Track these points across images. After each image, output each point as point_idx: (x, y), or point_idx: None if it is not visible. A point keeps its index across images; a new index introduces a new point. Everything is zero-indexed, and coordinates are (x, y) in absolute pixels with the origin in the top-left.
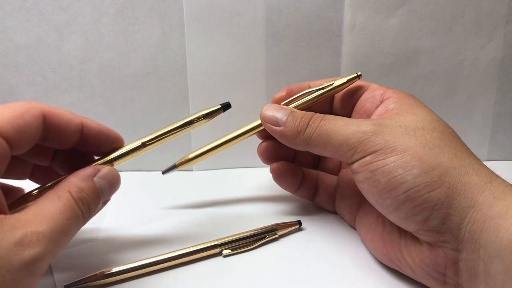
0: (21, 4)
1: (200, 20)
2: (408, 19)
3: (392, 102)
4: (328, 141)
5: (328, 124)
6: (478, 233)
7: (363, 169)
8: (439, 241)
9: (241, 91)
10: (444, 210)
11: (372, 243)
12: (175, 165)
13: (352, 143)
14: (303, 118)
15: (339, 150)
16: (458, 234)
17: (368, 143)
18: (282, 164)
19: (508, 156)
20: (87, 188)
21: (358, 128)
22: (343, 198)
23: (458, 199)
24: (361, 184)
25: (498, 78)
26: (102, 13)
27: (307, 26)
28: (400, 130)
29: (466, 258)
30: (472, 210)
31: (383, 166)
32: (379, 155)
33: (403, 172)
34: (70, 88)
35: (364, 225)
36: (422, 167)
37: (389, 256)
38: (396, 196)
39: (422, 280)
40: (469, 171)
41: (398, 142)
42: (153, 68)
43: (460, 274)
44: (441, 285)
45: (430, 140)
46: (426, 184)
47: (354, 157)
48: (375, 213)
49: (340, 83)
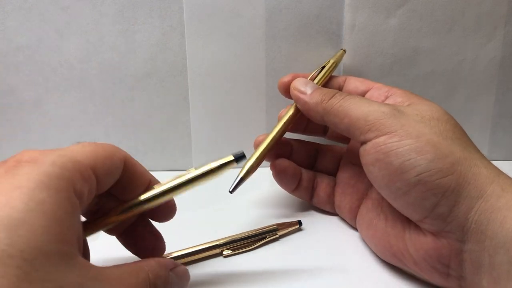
0: (21, 4)
1: (200, 20)
2: (408, 19)
3: (399, 96)
4: (347, 113)
5: (351, 99)
6: (485, 224)
7: (375, 149)
8: (444, 230)
9: (241, 91)
10: (453, 198)
11: (374, 239)
12: (241, 178)
13: (370, 119)
14: (329, 92)
15: (356, 124)
16: (464, 224)
17: (386, 123)
18: (283, 161)
19: (508, 156)
20: (163, 277)
21: (379, 108)
22: (343, 196)
23: (468, 188)
24: (371, 167)
25: (498, 78)
26: (102, 13)
27: (307, 26)
28: (417, 118)
29: (471, 249)
30: (481, 201)
31: (397, 148)
32: (393, 136)
33: (417, 156)
34: (70, 88)
35: (365, 222)
36: (436, 153)
37: (392, 251)
38: (407, 179)
39: (425, 273)
40: (478, 163)
41: (414, 128)
42: (153, 68)
43: (464, 265)
44: (444, 277)
45: (444, 131)
46: (439, 170)
47: (368, 134)
48: (376, 209)
49: (334, 60)
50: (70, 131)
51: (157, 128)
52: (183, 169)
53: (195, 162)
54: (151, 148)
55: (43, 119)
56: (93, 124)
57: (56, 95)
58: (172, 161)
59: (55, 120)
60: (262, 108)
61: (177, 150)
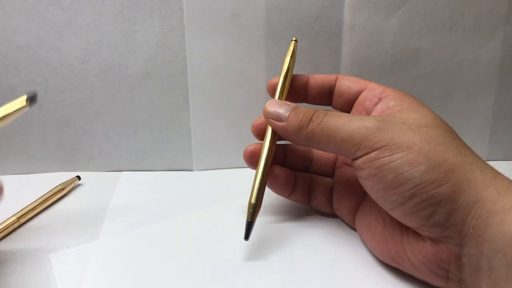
0: (21, 4)
1: (200, 21)
2: (408, 19)
3: (392, 99)
4: (331, 137)
5: (331, 120)
6: (482, 228)
7: (367, 165)
8: (442, 236)
9: (241, 91)
10: (449, 206)
11: (373, 242)
12: (249, 222)
13: (356, 138)
14: (306, 114)
15: (343, 146)
16: (462, 230)
17: (373, 139)
18: (274, 168)
19: (508, 156)
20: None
21: (362, 123)
22: (340, 199)
23: (464, 195)
24: (365, 181)
25: (498, 78)
26: (102, 13)
27: (307, 26)
28: (404, 126)
29: (469, 253)
30: (477, 206)
31: (390, 162)
32: (384, 151)
33: (410, 169)
34: (70, 88)
35: (363, 225)
36: (429, 163)
37: (391, 255)
38: (402, 192)
39: (425, 277)
40: (473, 167)
41: (403, 139)
42: (153, 68)
43: (463, 269)
44: (444, 281)
45: (434, 137)
46: (433, 181)
47: (358, 153)
48: (374, 213)
49: (291, 57)
50: (70, 131)
51: (157, 128)
52: (183, 169)
53: (195, 162)
54: (151, 148)
55: (43, 119)
56: (93, 124)
57: (56, 95)
58: (172, 161)
59: (55, 120)
60: (262, 108)
61: (177, 150)
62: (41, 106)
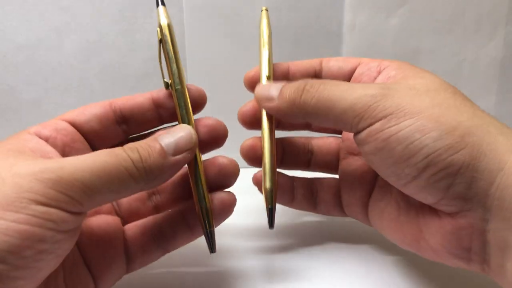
0: (21, 4)
1: (200, 20)
2: (408, 19)
3: (392, 69)
4: (330, 108)
5: (329, 89)
6: (509, 199)
7: (373, 138)
8: (464, 210)
9: (241, 91)
10: (469, 174)
11: (388, 230)
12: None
13: (358, 108)
14: (297, 85)
15: (343, 117)
16: (486, 201)
17: (377, 108)
18: None
19: None
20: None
21: (365, 91)
22: (351, 193)
23: (485, 161)
24: (372, 157)
25: (498, 78)
26: (102, 13)
27: (307, 26)
28: (411, 92)
29: (495, 228)
30: (502, 174)
31: (397, 132)
32: (390, 120)
33: (421, 136)
34: (70, 88)
35: (377, 214)
36: (441, 128)
37: (407, 240)
38: (415, 163)
39: (445, 260)
40: (491, 130)
41: (410, 105)
42: (153, 68)
43: (487, 247)
44: (465, 263)
45: (445, 100)
46: (448, 147)
47: (360, 124)
48: (386, 197)
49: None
50: None
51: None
52: None
53: None
54: None
55: (43, 119)
56: None
57: (56, 95)
58: None
59: None
60: None
61: None
62: (40, 106)
